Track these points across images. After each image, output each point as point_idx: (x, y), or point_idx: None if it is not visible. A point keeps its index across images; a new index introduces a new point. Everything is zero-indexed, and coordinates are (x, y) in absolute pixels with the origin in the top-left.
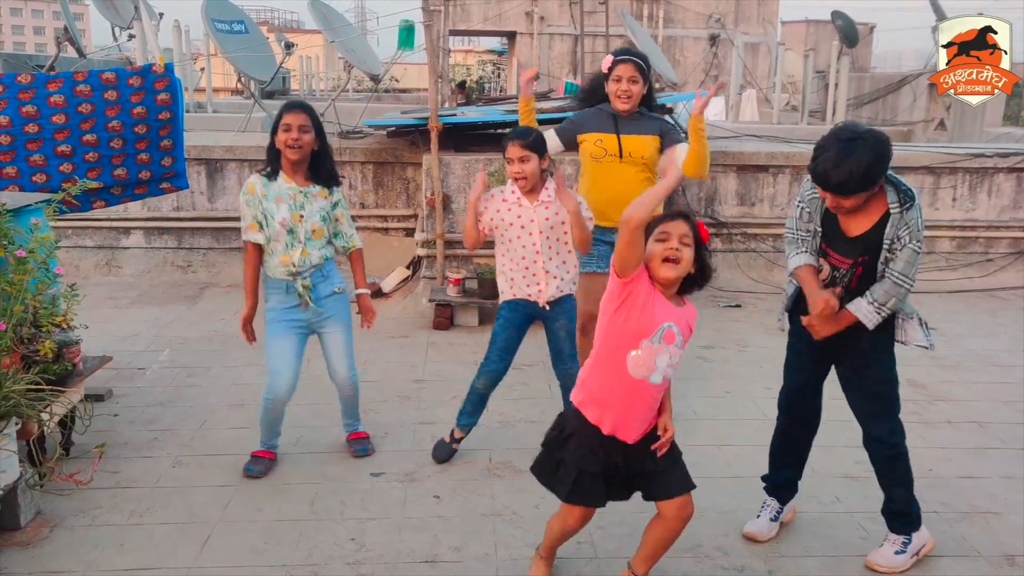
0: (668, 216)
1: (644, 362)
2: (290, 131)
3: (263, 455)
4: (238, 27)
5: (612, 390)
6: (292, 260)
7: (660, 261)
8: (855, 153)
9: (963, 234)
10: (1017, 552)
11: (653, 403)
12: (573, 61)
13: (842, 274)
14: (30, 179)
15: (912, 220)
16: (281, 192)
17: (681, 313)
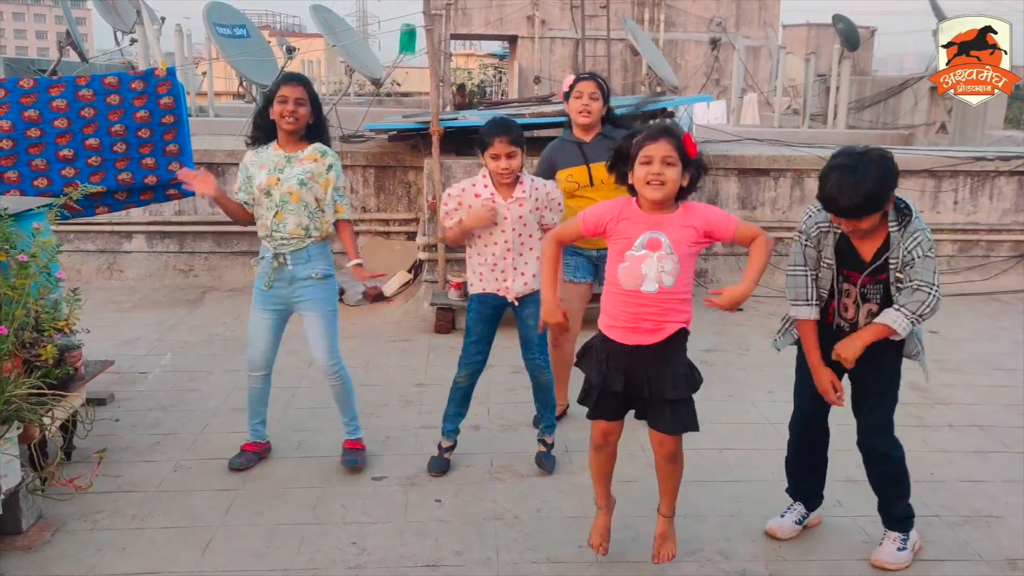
0: (650, 136)
1: (631, 272)
2: (286, 103)
3: (249, 448)
4: (240, 31)
5: (616, 305)
6: (267, 224)
7: (644, 184)
8: (861, 173)
9: (964, 237)
10: (1019, 556)
11: (658, 311)
12: (574, 65)
13: (868, 290)
14: (32, 183)
15: (916, 232)
16: (267, 159)
17: (672, 220)
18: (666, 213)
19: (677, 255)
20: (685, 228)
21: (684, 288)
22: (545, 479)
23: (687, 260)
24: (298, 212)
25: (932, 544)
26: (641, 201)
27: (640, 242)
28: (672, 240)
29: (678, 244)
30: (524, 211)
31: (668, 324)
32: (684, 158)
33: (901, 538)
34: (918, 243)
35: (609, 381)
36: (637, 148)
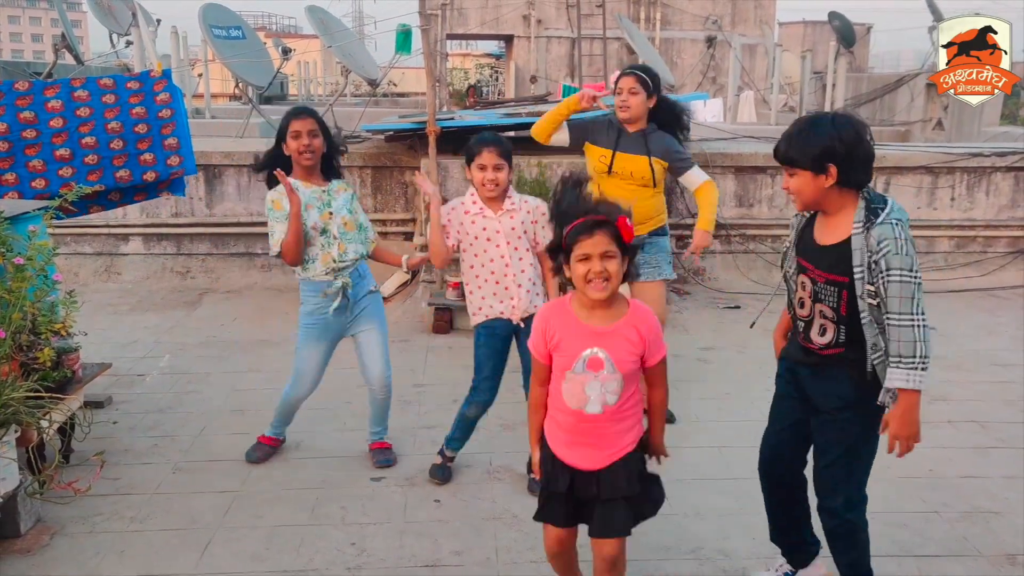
0: (584, 229)
1: (573, 393)
2: (300, 138)
3: (267, 442)
4: (235, 33)
5: (559, 418)
6: (333, 256)
7: (584, 283)
8: (807, 124)
9: (962, 233)
10: (1018, 552)
11: (602, 433)
12: (571, 64)
13: (820, 289)
14: (29, 185)
15: (885, 240)
16: (306, 198)
17: (616, 331)
18: (608, 321)
19: (620, 373)
20: (628, 340)
21: (632, 405)
22: None
23: (631, 378)
24: (355, 239)
25: (931, 541)
26: (579, 300)
27: (580, 361)
28: (615, 358)
29: (622, 362)
30: (516, 223)
31: (615, 446)
32: (622, 246)
33: None
34: (885, 255)
35: (554, 480)
36: (571, 241)
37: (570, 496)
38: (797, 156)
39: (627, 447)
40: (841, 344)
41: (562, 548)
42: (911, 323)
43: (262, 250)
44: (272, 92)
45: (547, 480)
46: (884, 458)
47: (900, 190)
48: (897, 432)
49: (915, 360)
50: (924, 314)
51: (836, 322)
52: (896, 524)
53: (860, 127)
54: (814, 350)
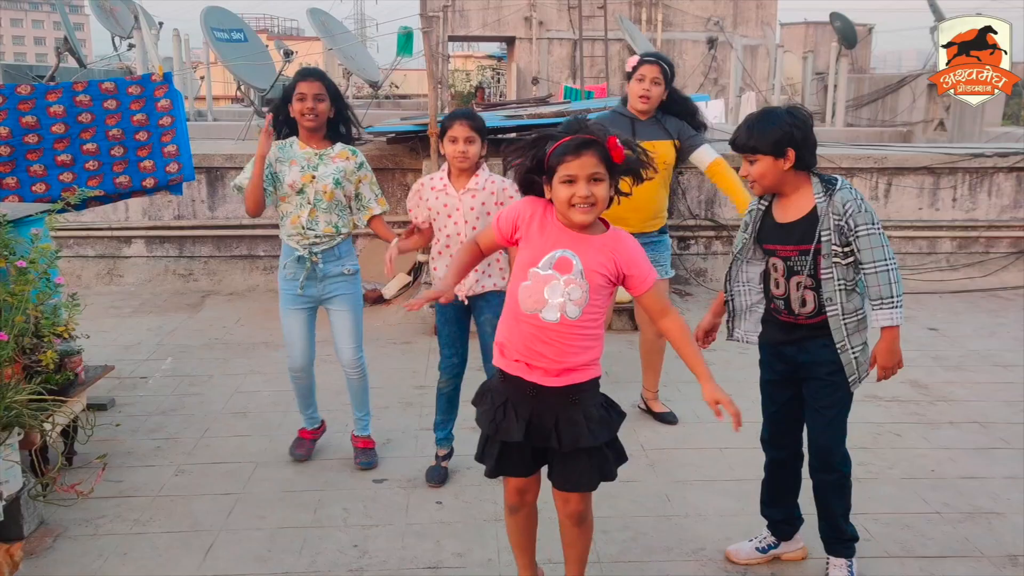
0: (570, 149)
1: (531, 293)
2: (305, 100)
3: (304, 436)
4: (237, 35)
5: (511, 328)
6: (301, 220)
7: (567, 207)
8: (763, 113)
9: (964, 234)
10: (1020, 552)
11: (558, 345)
12: (572, 65)
13: (795, 262)
14: (30, 189)
15: (848, 203)
16: (297, 156)
17: (593, 242)
18: (588, 232)
19: (588, 283)
20: (604, 255)
21: (592, 324)
22: (544, 480)
23: (598, 292)
24: (330, 210)
25: (933, 541)
26: (561, 215)
27: (548, 259)
28: (586, 264)
29: (592, 271)
30: (476, 203)
31: (572, 367)
32: (611, 167)
33: (847, 564)
34: (851, 215)
35: (506, 429)
36: (555, 161)
37: (526, 443)
38: (758, 143)
39: (581, 374)
40: (822, 312)
41: (523, 500)
42: (885, 267)
43: (264, 252)
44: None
45: (497, 428)
46: (887, 458)
47: (902, 191)
48: (885, 363)
49: (894, 300)
50: (893, 258)
51: (814, 288)
52: (898, 525)
53: (809, 116)
54: (801, 323)
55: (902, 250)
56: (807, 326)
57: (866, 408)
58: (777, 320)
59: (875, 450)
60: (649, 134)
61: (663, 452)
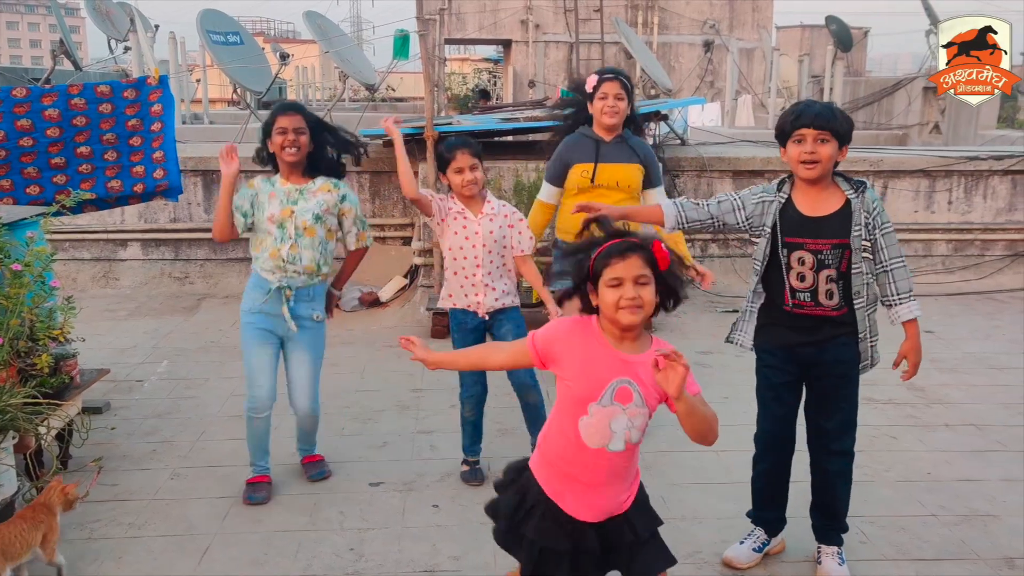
0: (617, 252)
1: (597, 429)
2: (286, 134)
3: (259, 480)
4: (233, 38)
5: (571, 461)
6: (281, 254)
7: (615, 309)
8: (828, 104)
9: (959, 237)
10: (1016, 555)
11: (622, 473)
12: (569, 69)
13: (826, 256)
14: (24, 191)
15: (874, 202)
16: (276, 189)
17: (644, 361)
18: (637, 350)
19: (648, 407)
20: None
21: (643, 435)
22: None
23: (654, 410)
24: (312, 247)
25: (929, 544)
26: (605, 326)
27: (609, 393)
28: (644, 392)
29: (650, 395)
30: (494, 227)
31: (624, 494)
32: (656, 272)
33: (838, 552)
34: (878, 213)
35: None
36: (601, 265)
37: (577, 554)
38: (839, 127)
39: (634, 491)
40: (844, 306)
41: None
42: (903, 263)
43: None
44: (270, 97)
45: (540, 533)
46: (883, 461)
47: (898, 193)
48: (916, 359)
49: (912, 293)
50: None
51: (837, 281)
52: (894, 527)
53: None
54: (827, 315)
55: None
56: (832, 321)
57: (862, 411)
58: (794, 320)
59: (871, 452)
60: (615, 156)
61: (659, 455)
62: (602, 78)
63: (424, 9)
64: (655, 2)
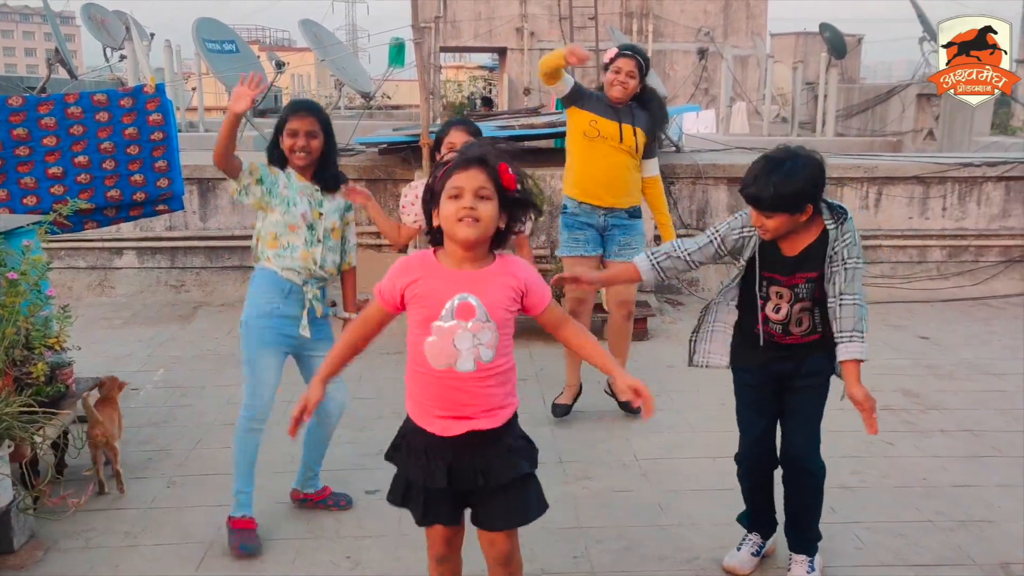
0: (459, 164)
1: (440, 348)
2: (297, 137)
3: (246, 526)
4: (229, 46)
5: (425, 387)
6: (314, 257)
7: (454, 222)
8: (785, 169)
9: (954, 243)
10: (1013, 560)
11: (480, 392)
12: None
13: (801, 290)
14: (20, 201)
15: (848, 233)
16: (302, 187)
17: (486, 276)
18: (478, 267)
19: (495, 321)
20: (502, 286)
21: (507, 359)
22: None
23: (506, 326)
24: (334, 249)
25: (926, 550)
26: (447, 248)
27: (448, 309)
28: (487, 304)
29: (494, 308)
30: None
31: (496, 407)
32: (501, 192)
33: (808, 560)
34: (847, 245)
35: (431, 475)
36: (444, 179)
37: (450, 489)
38: (780, 205)
39: (506, 411)
40: (818, 330)
41: (451, 549)
42: (862, 302)
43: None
44: (266, 106)
45: (422, 475)
46: (880, 467)
47: (892, 200)
48: (869, 406)
49: (863, 334)
50: (862, 293)
51: (811, 310)
52: (891, 533)
53: (821, 162)
54: (794, 343)
55: (892, 259)
56: (804, 344)
57: (858, 417)
58: (767, 342)
59: (867, 459)
60: (628, 119)
61: (656, 461)
62: (620, 53)
63: (419, 17)
64: (650, 10)
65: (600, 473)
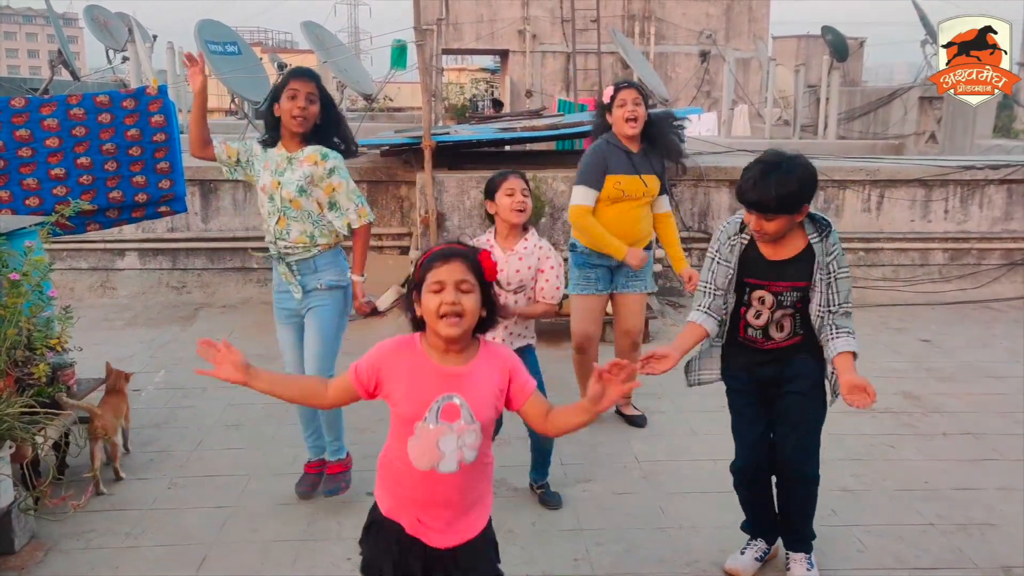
0: (439, 256)
1: (424, 451)
2: (296, 98)
3: (308, 471)
4: (231, 48)
5: (402, 482)
6: (270, 228)
7: (435, 317)
8: (783, 170)
9: (956, 246)
10: (1014, 564)
11: (459, 498)
12: (565, 79)
13: (785, 297)
14: (23, 203)
15: (834, 245)
16: (270, 157)
17: (472, 373)
18: (463, 362)
19: (479, 422)
20: (487, 381)
21: (487, 455)
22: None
23: (490, 426)
24: (301, 219)
25: (927, 553)
26: (430, 339)
27: (434, 410)
28: (473, 406)
29: (480, 408)
30: (522, 266)
31: (474, 501)
32: (482, 283)
33: (807, 558)
34: (835, 257)
35: (402, 561)
36: (424, 270)
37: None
38: (781, 207)
39: (481, 521)
40: (799, 333)
41: None
42: (849, 311)
43: (258, 265)
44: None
45: (391, 560)
46: (880, 470)
47: (894, 203)
48: (859, 383)
49: (850, 332)
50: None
51: (792, 315)
52: (892, 536)
53: (811, 164)
54: (775, 348)
55: (894, 262)
56: (786, 348)
57: (859, 420)
58: (748, 347)
59: (868, 462)
60: (646, 168)
61: (656, 464)
62: (618, 87)
63: (421, 19)
64: (651, 12)
65: (601, 476)
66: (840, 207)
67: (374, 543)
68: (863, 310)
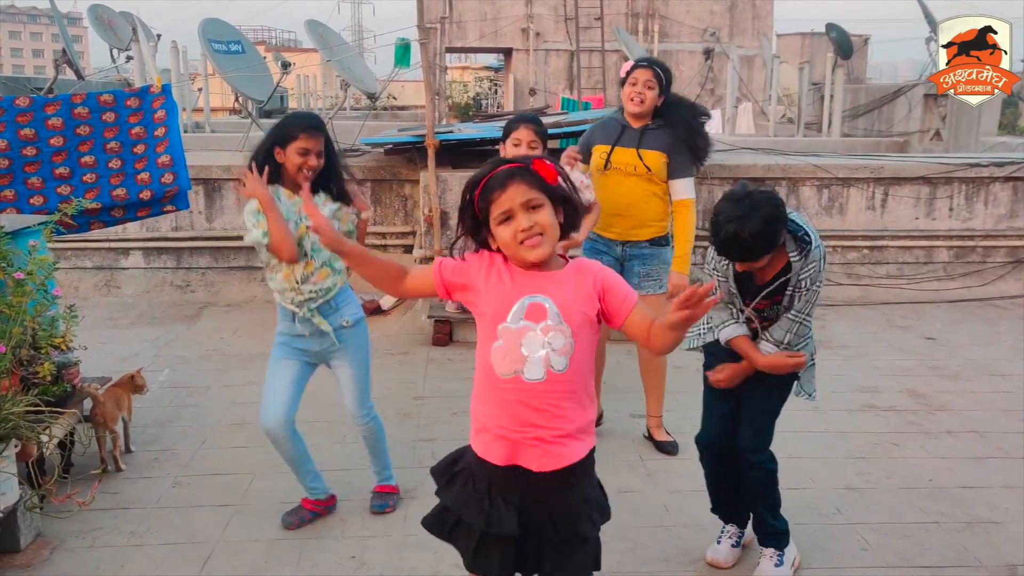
0: (496, 185)
1: (506, 353)
2: (308, 156)
3: (305, 504)
4: (235, 47)
5: (489, 401)
6: (295, 275)
7: (516, 246)
8: (752, 221)
9: (961, 243)
10: (1019, 562)
11: (549, 409)
12: (569, 76)
13: (770, 312)
14: (27, 201)
15: (812, 263)
16: (286, 209)
17: (560, 278)
18: (550, 270)
19: (569, 326)
20: (577, 288)
21: (583, 376)
22: None
23: (583, 333)
24: (321, 251)
25: (931, 551)
26: (515, 262)
27: (517, 310)
28: (561, 305)
29: (569, 310)
30: None
31: (567, 434)
32: (549, 191)
33: (777, 554)
34: (809, 274)
35: (497, 520)
36: (485, 203)
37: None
38: (763, 252)
39: (580, 446)
40: None
41: None
42: (796, 319)
43: (262, 264)
44: (272, 106)
45: (488, 519)
46: (885, 468)
47: (899, 200)
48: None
49: (780, 344)
50: (809, 314)
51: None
52: (897, 535)
53: (773, 192)
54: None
55: (899, 259)
56: None
57: (863, 418)
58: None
59: (873, 459)
60: (634, 141)
61: (661, 462)
62: (636, 64)
63: (425, 18)
64: (655, 10)
65: (605, 473)
66: (844, 205)
67: (459, 491)
68: (868, 308)
